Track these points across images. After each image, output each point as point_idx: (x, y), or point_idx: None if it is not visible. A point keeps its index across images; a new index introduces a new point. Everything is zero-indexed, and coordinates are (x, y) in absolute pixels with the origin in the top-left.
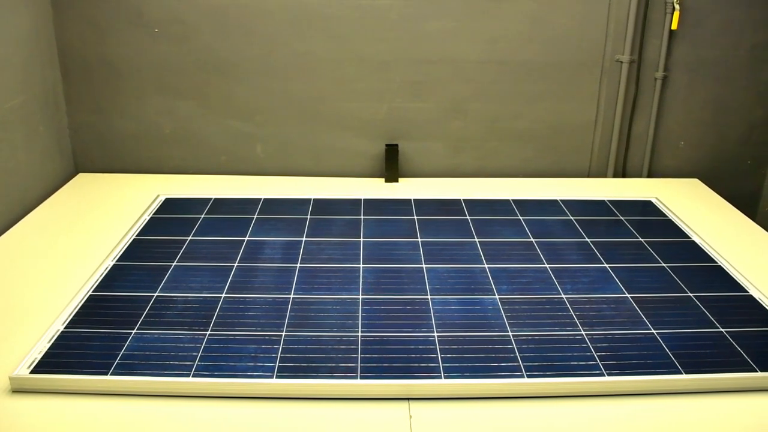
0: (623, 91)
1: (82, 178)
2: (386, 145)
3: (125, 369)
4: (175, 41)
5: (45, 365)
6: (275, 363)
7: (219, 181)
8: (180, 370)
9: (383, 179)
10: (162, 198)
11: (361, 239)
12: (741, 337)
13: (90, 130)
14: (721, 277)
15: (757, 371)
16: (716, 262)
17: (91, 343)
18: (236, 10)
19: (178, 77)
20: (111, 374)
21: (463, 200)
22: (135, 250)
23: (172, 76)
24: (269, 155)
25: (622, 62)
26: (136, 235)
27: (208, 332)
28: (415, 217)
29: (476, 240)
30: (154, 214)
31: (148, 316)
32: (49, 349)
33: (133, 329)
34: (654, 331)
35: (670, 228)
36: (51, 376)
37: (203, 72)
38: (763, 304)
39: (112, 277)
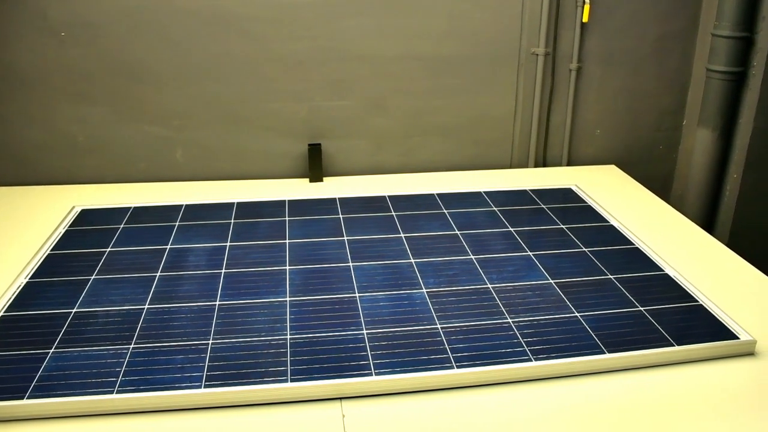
0: (540, 83)
1: None
2: (309, 144)
3: (43, 391)
4: (83, 45)
5: None
6: (203, 372)
7: (138, 189)
8: (103, 387)
9: (307, 179)
10: (78, 209)
11: (287, 241)
12: (659, 314)
13: None
14: (638, 258)
15: (674, 345)
16: (634, 244)
17: (4, 367)
18: (147, 12)
19: (89, 83)
20: (27, 398)
21: (388, 196)
22: (50, 265)
23: (82, 81)
24: (189, 160)
25: (537, 55)
26: (51, 250)
27: (132, 346)
28: (341, 216)
29: (402, 235)
30: (69, 226)
31: (66, 333)
32: None
33: (51, 349)
34: (577, 314)
35: (590, 214)
36: None
37: (116, 76)
38: (678, 282)
39: (26, 296)
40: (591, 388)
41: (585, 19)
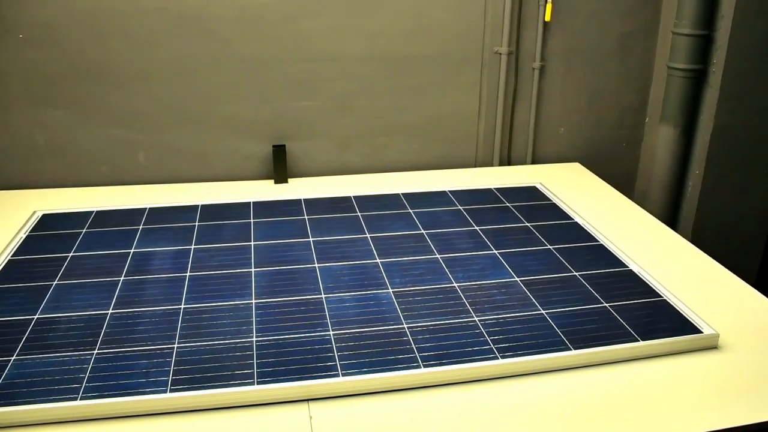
0: (504, 82)
1: None
2: (273, 146)
3: (5, 399)
4: (43, 47)
5: None
6: (168, 377)
7: (100, 192)
8: (67, 394)
9: (272, 181)
10: (39, 214)
11: (252, 243)
12: (623, 310)
13: None
14: (603, 255)
15: (639, 341)
16: (598, 241)
17: None
18: (108, 13)
19: (49, 85)
20: None
21: (353, 197)
22: (10, 271)
23: (42, 83)
24: (152, 163)
25: (500, 54)
26: (11, 256)
27: (96, 351)
28: (306, 217)
29: (368, 235)
30: (30, 231)
31: (28, 340)
32: None
33: (12, 356)
34: (543, 312)
35: (555, 211)
36: None
37: (76, 78)
38: (643, 278)
39: None
40: (557, 384)
41: (547, 18)
